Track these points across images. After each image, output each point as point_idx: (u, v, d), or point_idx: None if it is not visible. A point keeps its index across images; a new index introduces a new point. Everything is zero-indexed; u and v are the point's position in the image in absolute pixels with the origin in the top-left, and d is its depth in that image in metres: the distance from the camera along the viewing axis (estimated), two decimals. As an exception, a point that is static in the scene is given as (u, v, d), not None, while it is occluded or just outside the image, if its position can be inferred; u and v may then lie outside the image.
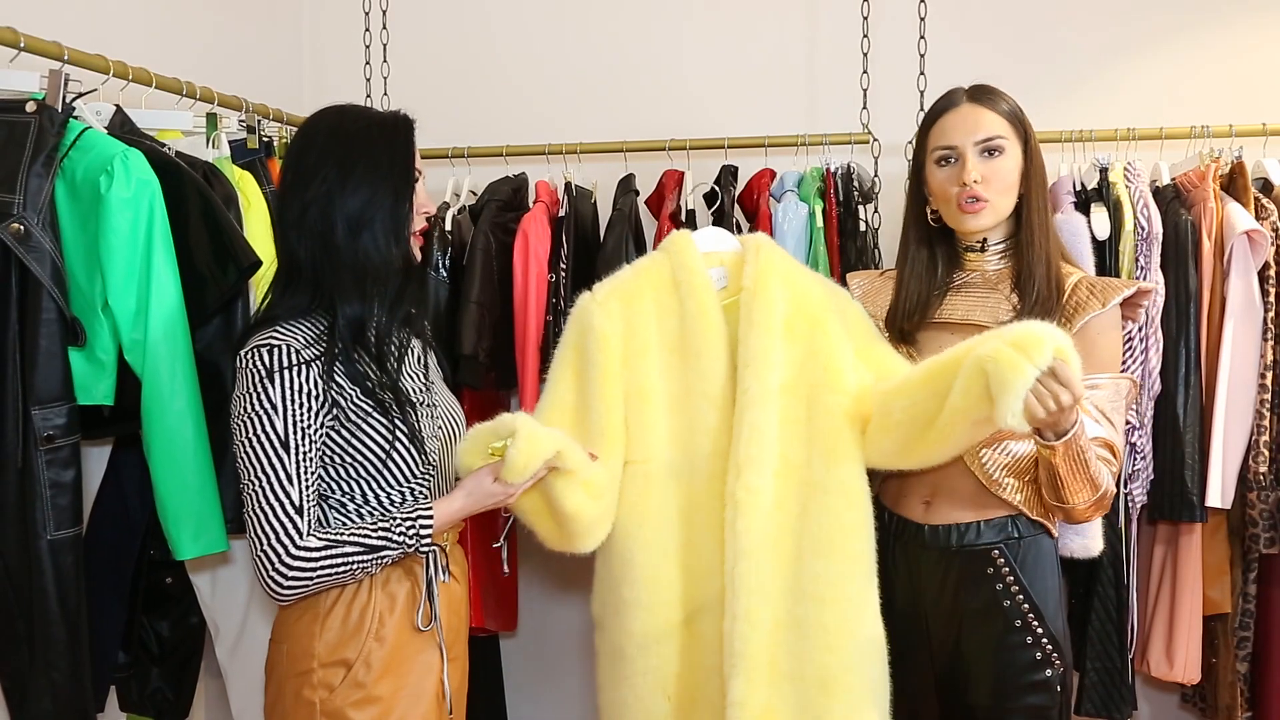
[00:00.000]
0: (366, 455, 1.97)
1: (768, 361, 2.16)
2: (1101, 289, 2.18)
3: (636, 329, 2.22)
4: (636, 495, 2.20)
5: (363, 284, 1.96)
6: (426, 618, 2.02)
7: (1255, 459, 2.81)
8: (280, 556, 1.86)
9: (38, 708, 2.13)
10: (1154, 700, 3.38)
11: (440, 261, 3.00)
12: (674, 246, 2.27)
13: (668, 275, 2.25)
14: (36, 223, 2.07)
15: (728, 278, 2.29)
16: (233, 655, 2.62)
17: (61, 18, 2.53)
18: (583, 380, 2.22)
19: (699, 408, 2.19)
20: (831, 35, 3.50)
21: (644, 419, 2.20)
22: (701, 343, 2.19)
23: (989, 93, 2.23)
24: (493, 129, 3.47)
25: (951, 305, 2.27)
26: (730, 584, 2.11)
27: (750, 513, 2.11)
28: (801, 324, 2.20)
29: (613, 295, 2.25)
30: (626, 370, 2.21)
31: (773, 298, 2.19)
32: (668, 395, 2.21)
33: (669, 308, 2.23)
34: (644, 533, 2.19)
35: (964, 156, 2.19)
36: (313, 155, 1.97)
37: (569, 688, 3.69)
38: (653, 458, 2.20)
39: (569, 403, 2.22)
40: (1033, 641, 2.13)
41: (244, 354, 1.92)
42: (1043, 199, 2.23)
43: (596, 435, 2.17)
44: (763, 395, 2.14)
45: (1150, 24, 3.41)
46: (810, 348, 2.19)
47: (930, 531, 2.22)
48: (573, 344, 2.25)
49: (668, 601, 2.18)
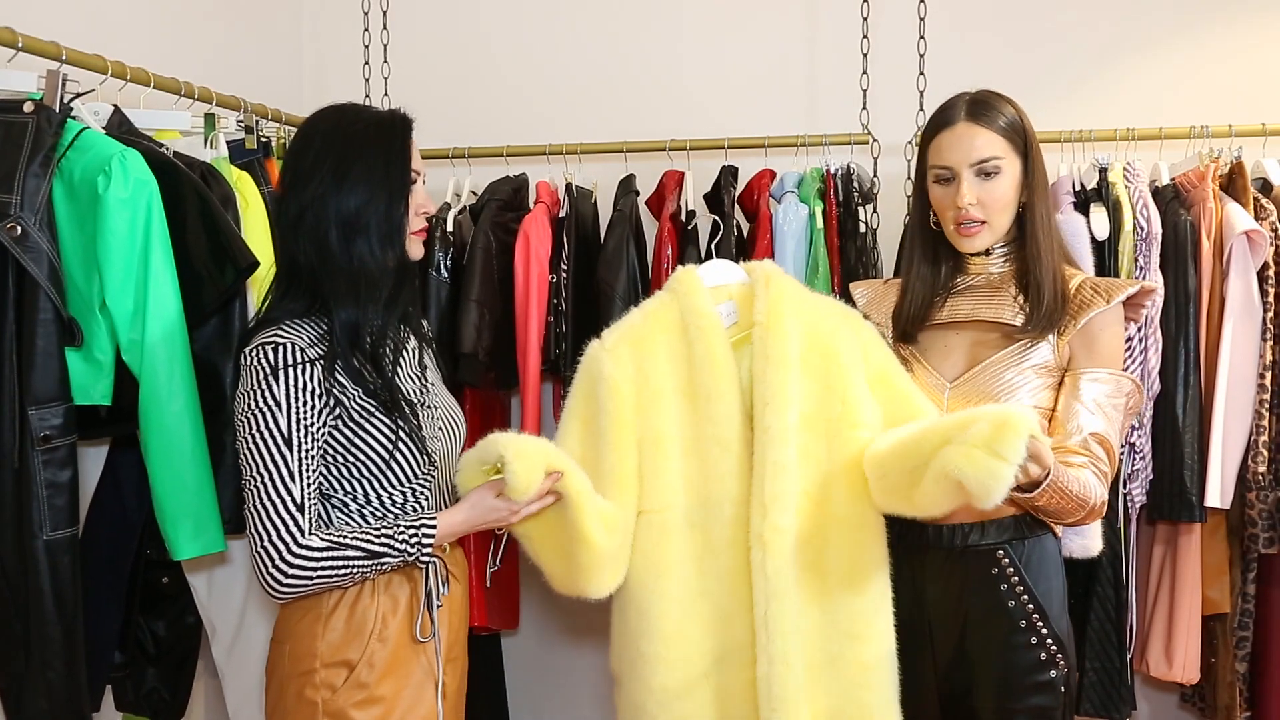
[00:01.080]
0: (369, 455, 1.97)
1: (786, 397, 2.12)
2: (1106, 287, 2.19)
3: (649, 375, 2.18)
4: (652, 545, 2.16)
5: (356, 289, 1.96)
6: (425, 629, 2.01)
7: (1254, 459, 2.80)
8: (280, 554, 1.86)
9: (34, 707, 2.13)
10: (1153, 700, 3.38)
11: (441, 261, 3.00)
12: (681, 287, 2.22)
13: (676, 317, 2.20)
14: (34, 223, 2.07)
15: (737, 312, 2.25)
16: (229, 655, 2.63)
17: (59, 17, 2.53)
18: (592, 430, 2.18)
19: (711, 453, 2.15)
20: (831, 35, 3.50)
21: (658, 466, 2.16)
22: (712, 386, 2.15)
23: (987, 108, 2.19)
24: (493, 129, 3.47)
25: (955, 304, 2.27)
26: (763, 627, 2.08)
27: (779, 553, 2.09)
28: (815, 358, 2.17)
29: (622, 341, 2.20)
30: (640, 417, 2.17)
31: (786, 332, 2.16)
32: (681, 440, 2.17)
33: (679, 352, 2.19)
34: (662, 583, 2.15)
35: (959, 178, 2.17)
36: (310, 156, 1.97)
37: (570, 686, 3.69)
38: (668, 506, 2.16)
39: (575, 454, 2.15)
40: (1037, 642, 2.13)
41: (248, 351, 1.92)
42: (1045, 205, 2.22)
43: (609, 485, 2.13)
44: (783, 433, 2.11)
45: (1150, 24, 3.40)
46: (826, 382, 2.16)
47: (935, 532, 2.21)
48: (582, 394, 2.21)
49: (688, 655, 2.14)
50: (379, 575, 1.97)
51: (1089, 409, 2.11)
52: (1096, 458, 2.10)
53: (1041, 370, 2.17)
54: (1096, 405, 2.12)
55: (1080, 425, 2.12)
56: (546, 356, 3.04)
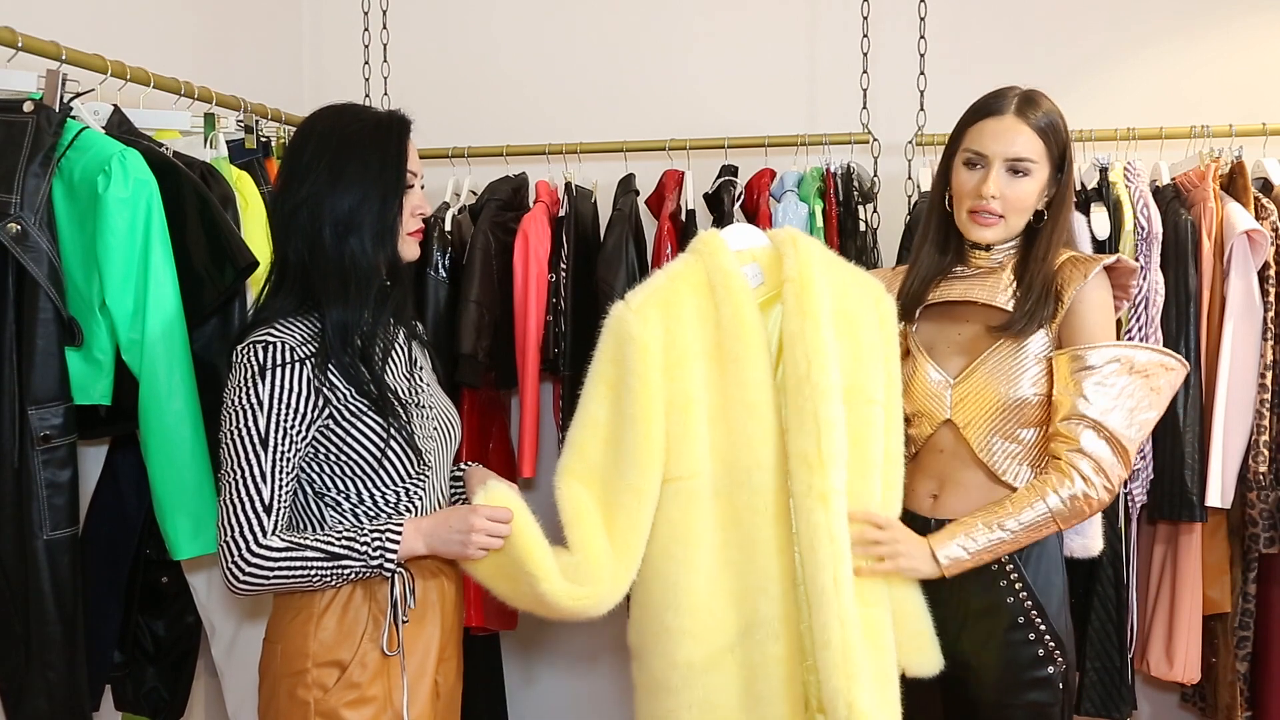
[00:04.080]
0: (360, 454, 1.96)
1: (828, 352, 2.05)
2: (1083, 262, 2.19)
3: (676, 337, 2.10)
4: (679, 514, 2.09)
5: (346, 288, 1.95)
6: (392, 643, 1.98)
7: (1255, 459, 2.80)
8: (240, 551, 1.86)
9: (33, 707, 2.13)
10: (1154, 700, 3.38)
11: (440, 261, 3.00)
12: (705, 247, 2.15)
13: (703, 278, 2.13)
14: (34, 223, 2.07)
15: (764, 274, 2.19)
16: (228, 655, 2.62)
17: (59, 17, 2.53)
18: (618, 393, 2.09)
19: (739, 417, 2.08)
20: (831, 35, 3.50)
21: (686, 432, 2.09)
22: (740, 349, 2.08)
23: (1037, 110, 2.19)
24: (493, 129, 3.47)
25: (950, 286, 2.28)
26: (833, 588, 2.00)
27: (840, 511, 2.02)
28: (843, 321, 2.12)
29: (649, 302, 2.12)
30: (668, 380, 2.08)
31: (820, 289, 2.09)
32: (708, 405, 2.10)
33: (706, 314, 2.11)
34: (690, 554, 2.08)
35: (990, 167, 2.17)
36: (306, 155, 1.97)
37: (569, 685, 3.69)
38: (696, 473, 2.09)
39: (600, 420, 2.11)
40: (1035, 638, 2.14)
41: (240, 348, 1.92)
42: (1065, 216, 2.23)
43: (634, 450, 2.06)
44: (829, 389, 2.03)
45: (1150, 24, 3.40)
46: (853, 346, 2.12)
47: (937, 525, 2.20)
48: (609, 357, 2.12)
49: (713, 629, 2.08)
50: (348, 581, 1.94)
51: (1085, 396, 2.11)
52: (1067, 475, 2.10)
53: (1041, 359, 2.17)
54: (1096, 385, 2.11)
55: (1075, 410, 2.11)
56: (545, 356, 3.04)
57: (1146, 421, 2.15)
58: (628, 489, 2.07)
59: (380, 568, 1.92)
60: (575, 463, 2.11)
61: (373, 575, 1.95)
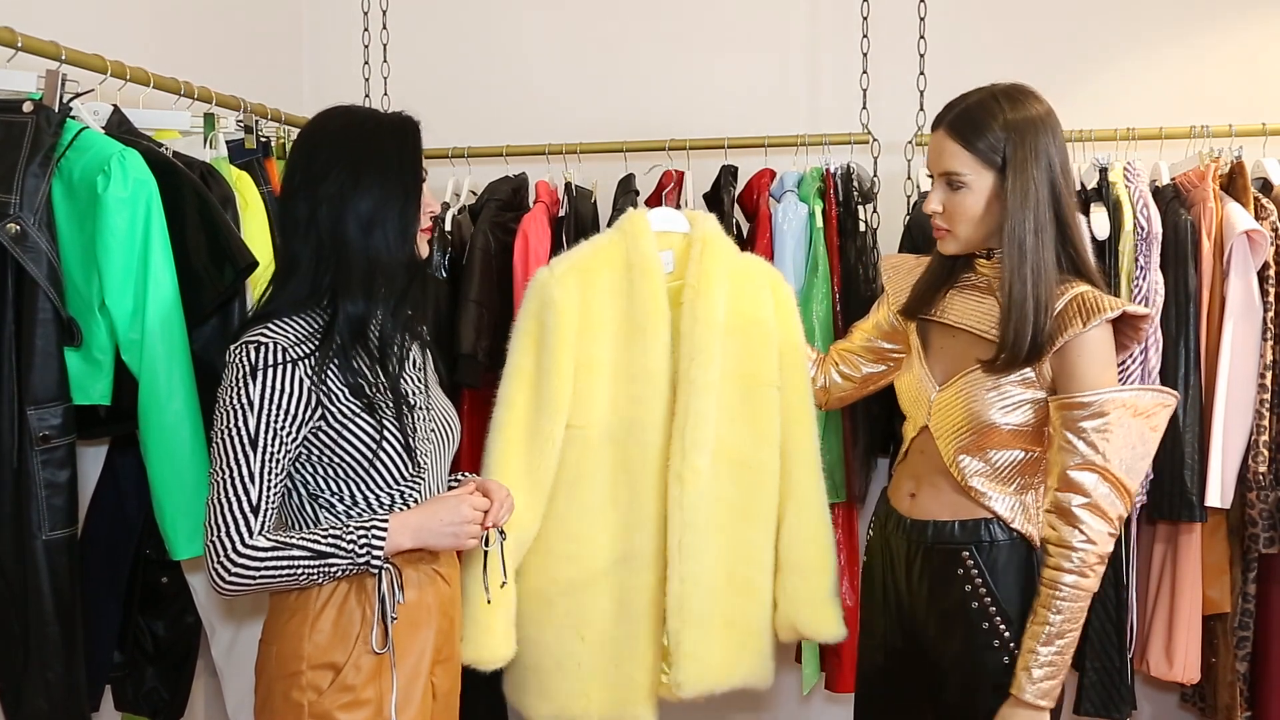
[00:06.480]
0: (352, 456, 1.96)
1: (710, 355, 2.44)
2: (1091, 306, 2.05)
3: (591, 304, 2.46)
4: (575, 457, 2.47)
5: (371, 280, 1.95)
6: (381, 641, 1.98)
7: (1255, 459, 2.80)
8: (226, 551, 1.85)
9: (32, 707, 2.13)
10: (1153, 700, 3.38)
11: (440, 261, 3.00)
12: (631, 228, 2.51)
13: (622, 256, 2.49)
14: (33, 223, 2.07)
15: (674, 263, 2.55)
16: (228, 655, 2.62)
17: (59, 17, 2.52)
18: (540, 348, 2.45)
19: (638, 380, 2.47)
20: (831, 35, 3.50)
21: (590, 387, 2.46)
22: (647, 323, 2.46)
23: (969, 123, 2.11)
24: (493, 129, 3.47)
25: (950, 303, 2.27)
26: (678, 551, 2.43)
27: (695, 490, 2.43)
28: (738, 320, 2.50)
29: (570, 271, 2.48)
30: (579, 341, 2.45)
31: (714, 297, 2.47)
32: (613, 366, 2.47)
33: (620, 288, 2.48)
34: (578, 492, 2.47)
35: (935, 182, 2.19)
36: (323, 156, 1.96)
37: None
38: (593, 423, 2.47)
39: (527, 369, 2.47)
40: (1000, 645, 2.13)
41: (234, 348, 1.92)
42: (1024, 225, 2.07)
43: (550, 401, 2.43)
44: (705, 386, 2.44)
45: (1150, 24, 3.40)
46: (746, 344, 2.50)
47: (910, 524, 2.24)
48: (533, 314, 2.48)
49: (593, 553, 2.47)
50: (335, 579, 1.94)
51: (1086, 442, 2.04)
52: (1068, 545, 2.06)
53: (1019, 383, 2.12)
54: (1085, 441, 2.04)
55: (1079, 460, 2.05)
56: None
57: (1144, 468, 2.11)
58: (543, 434, 2.44)
59: (368, 564, 1.92)
60: (506, 414, 2.47)
61: (360, 572, 1.95)
